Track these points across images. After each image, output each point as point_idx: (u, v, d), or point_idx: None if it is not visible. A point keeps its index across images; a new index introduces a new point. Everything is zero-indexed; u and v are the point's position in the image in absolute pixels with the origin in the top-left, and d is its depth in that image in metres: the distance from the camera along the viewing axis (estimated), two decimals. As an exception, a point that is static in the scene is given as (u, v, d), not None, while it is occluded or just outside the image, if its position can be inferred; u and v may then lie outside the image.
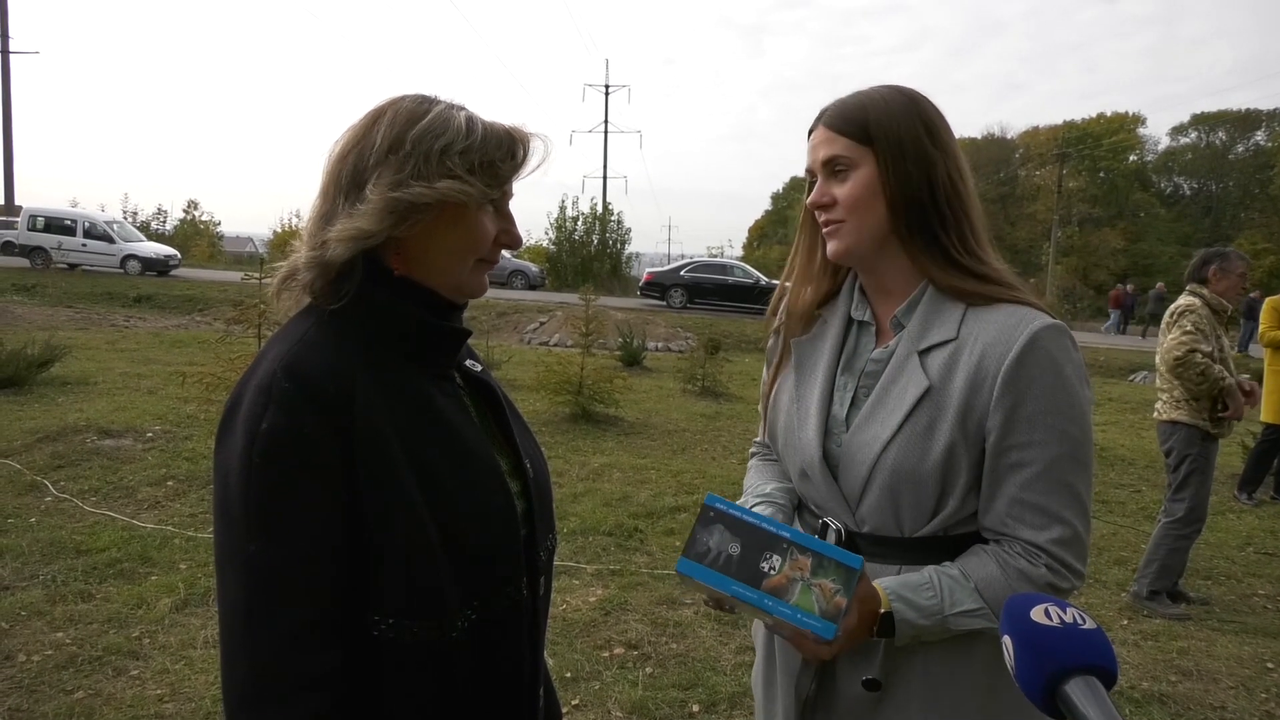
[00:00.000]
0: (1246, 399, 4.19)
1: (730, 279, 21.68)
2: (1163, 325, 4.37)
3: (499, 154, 1.03)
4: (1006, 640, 0.69)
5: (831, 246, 1.23)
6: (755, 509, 1.24)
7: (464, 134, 1.01)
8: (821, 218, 1.23)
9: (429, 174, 0.98)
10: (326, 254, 0.98)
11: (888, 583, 1.11)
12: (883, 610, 1.08)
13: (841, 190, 1.19)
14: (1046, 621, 0.67)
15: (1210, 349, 4.16)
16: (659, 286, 21.80)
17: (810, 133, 1.25)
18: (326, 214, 1.01)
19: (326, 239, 0.98)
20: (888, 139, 1.16)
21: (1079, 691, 0.63)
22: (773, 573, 0.98)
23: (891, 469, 1.13)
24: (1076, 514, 1.11)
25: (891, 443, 1.14)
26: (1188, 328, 4.17)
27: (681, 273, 22.12)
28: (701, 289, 21.44)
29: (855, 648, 1.17)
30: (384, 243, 1.00)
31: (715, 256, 33.31)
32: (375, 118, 1.02)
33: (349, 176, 1.00)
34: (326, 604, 0.93)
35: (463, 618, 1.00)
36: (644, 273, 24.11)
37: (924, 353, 1.16)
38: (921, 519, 1.15)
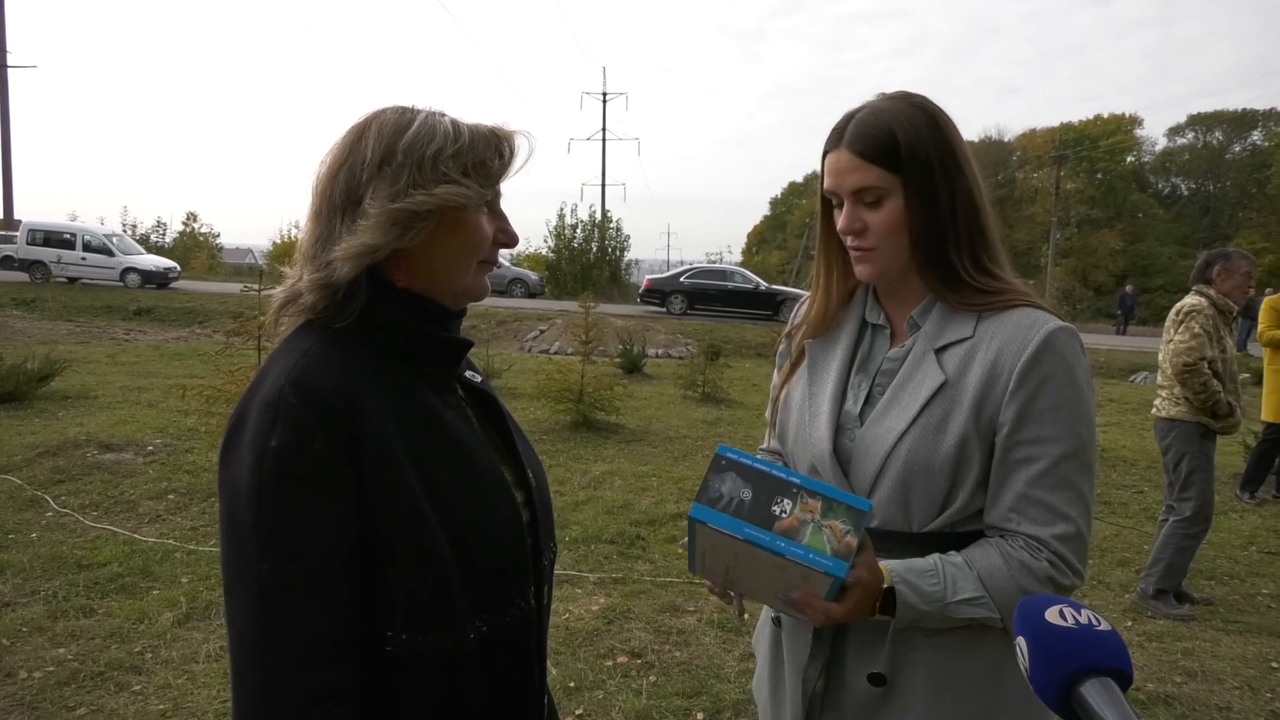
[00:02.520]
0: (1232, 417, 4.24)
1: (730, 285, 21.65)
2: (1167, 324, 4.37)
3: (488, 153, 1.04)
4: (1021, 641, 0.68)
5: (861, 270, 1.24)
6: None
7: (453, 138, 1.01)
8: (851, 243, 1.23)
9: (425, 181, 0.99)
10: (333, 274, 0.98)
11: (893, 564, 1.11)
12: (885, 585, 1.09)
13: (875, 218, 1.19)
14: (1061, 623, 0.66)
15: (1213, 354, 4.17)
16: (658, 293, 21.81)
17: (827, 151, 1.23)
18: (324, 236, 1.00)
19: (331, 259, 0.98)
20: (917, 168, 1.16)
21: (1095, 693, 0.62)
22: (784, 516, 0.99)
23: (905, 461, 1.15)
24: (1080, 513, 1.13)
25: (905, 435, 1.16)
26: (1196, 330, 4.16)
27: (681, 279, 22.12)
28: (701, 295, 21.41)
29: (861, 642, 1.19)
30: (387, 257, 1.00)
31: (714, 262, 33.33)
32: (360, 133, 1.02)
33: (342, 194, 0.99)
34: (339, 620, 0.92)
35: (473, 629, 1.00)
36: (643, 279, 24.15)
37: (940, 350, 1.19)
38: (930, 513, 1.16)
